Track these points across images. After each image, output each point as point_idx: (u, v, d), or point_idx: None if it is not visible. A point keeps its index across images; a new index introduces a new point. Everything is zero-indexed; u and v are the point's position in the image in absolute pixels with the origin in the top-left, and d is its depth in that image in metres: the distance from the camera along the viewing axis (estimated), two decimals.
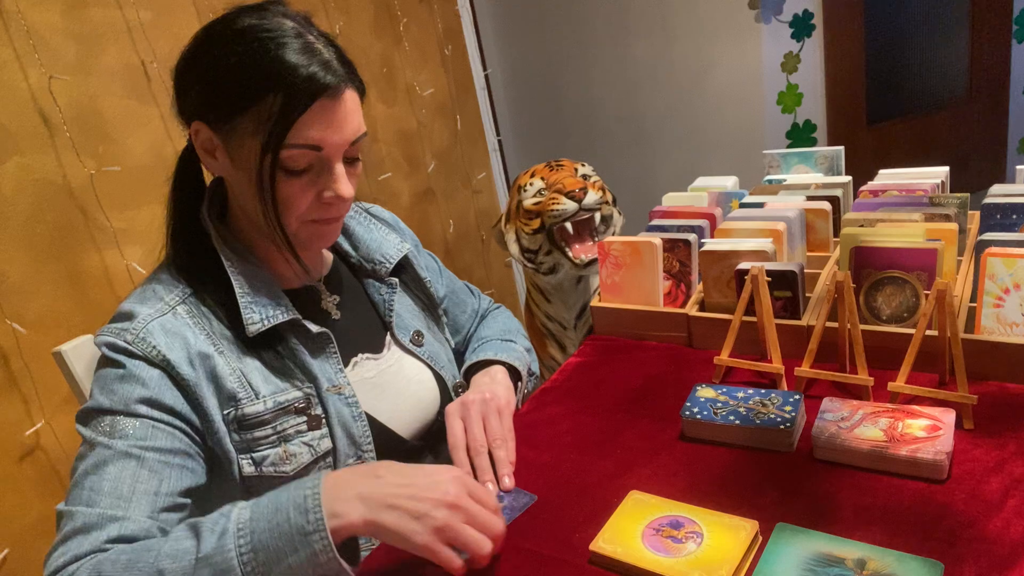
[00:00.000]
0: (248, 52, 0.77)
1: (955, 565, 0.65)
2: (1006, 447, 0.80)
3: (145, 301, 0.84)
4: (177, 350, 0.80)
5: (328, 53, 0.80)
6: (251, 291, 0.85)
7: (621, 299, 1.21)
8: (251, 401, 0.83)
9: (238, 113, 0.79)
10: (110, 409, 0.78)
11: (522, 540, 0.79)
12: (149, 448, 0.77)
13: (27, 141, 1.35)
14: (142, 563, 0.67)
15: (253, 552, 0.65)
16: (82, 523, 0.71)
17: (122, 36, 1.52)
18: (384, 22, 2.23)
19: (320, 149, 0.80)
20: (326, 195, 0.83)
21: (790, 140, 2.71)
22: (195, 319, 0.84)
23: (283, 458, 0.84)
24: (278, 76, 0.77)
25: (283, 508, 0.67)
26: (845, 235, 1.04)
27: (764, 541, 0.72)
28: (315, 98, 0.78)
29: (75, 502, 0.73)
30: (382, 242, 1.03)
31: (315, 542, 0.65)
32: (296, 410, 0.85)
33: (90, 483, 0.74)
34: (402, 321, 1.02)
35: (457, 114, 2.55)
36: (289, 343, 0.87)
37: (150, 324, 0.81)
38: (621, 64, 2.88)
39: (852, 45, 2.71)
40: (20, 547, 1.34)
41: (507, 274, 2.85)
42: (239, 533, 0.66)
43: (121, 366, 0.79)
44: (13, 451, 1.33)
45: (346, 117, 0.81)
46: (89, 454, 0.77)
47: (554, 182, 1.62)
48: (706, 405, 0.92)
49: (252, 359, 0.85)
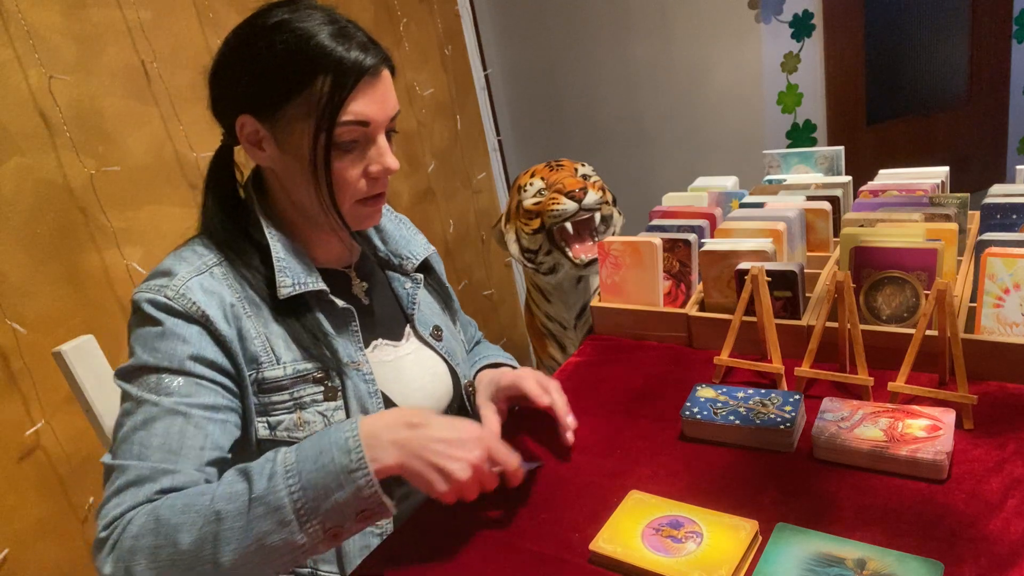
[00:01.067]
0: (290, 41, 0.82)
1: (955, 565, 0.65)
2: (1006, 447, 0.80)
3: (183, 260, 0.87)
4: (214, 307, 0.84)
5: (362, 36, 0.86)
6: (286, 256, 0.90)
7: (621, 299, 1.21)
8: (272, 366, 0.87)
9: (287, 100, 0.83)
10: (155, 366, 0.81)
11: (522, 540, 0.79)
12: (194, 405, 0.80)
13: (27, 141, 1.35)
14: (198, 505, 0.71)
15: (302, 490, 0.71)
16: (135, 476, 0.75)
17: (122, 36, 1.51)
18: (384, 22, 2.23)
19: (368, 125, 0.85)
20: (372, 169, 0.87)
21: (790, 140, 2.71)
22: (229, 281, 0.87)
23: (297, 424, 0.87)
24: (324, 60, 0.82)
25: (327, 450, 0.72)
26: (845, 235, 1.04)
27: (764, 541, 0.72)
28: (361, 76, 0.83)
29: (125, 456, 0.77)
30: (410, 240, 1.08)
31: (359, 478, 0.71)
32: (314, 379, 0.89)
33: (139, 438, 0.77)
34: (423, 316, 1.05)
35: (457, 114, 2.55)
36: (315, 314, 0.91)
37: (189, 281, 0.84)
38: (621, 64, 2.88)
39: (852, 45, 2.71)
40: (20, 547, 1.34)
41: (507, 274, 2.85)
42: (287, 474, 0.71)
43: (161, 324, 0.82)
44: (13, 451, 1.33)
45: (386, 93, 0.87)
46: (137, 410, 0.79)
47: (554, 182, 1.62)
48: (706, 405, 0.92)
49: (277, 326, 0.88)
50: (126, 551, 0.71)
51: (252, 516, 0.70)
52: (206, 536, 0.70)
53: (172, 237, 1.53)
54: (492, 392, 1.01)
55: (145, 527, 0.72)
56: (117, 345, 1.48)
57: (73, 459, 1.41)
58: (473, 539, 0.81)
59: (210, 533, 0.70)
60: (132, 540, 0.72)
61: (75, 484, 1.42)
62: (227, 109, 0.88)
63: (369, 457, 0.72)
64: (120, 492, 0.75)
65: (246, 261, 0.89)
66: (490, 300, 2.72)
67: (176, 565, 0.70)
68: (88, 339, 0.93)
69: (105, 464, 0.78)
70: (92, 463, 1.44)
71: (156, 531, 0.71)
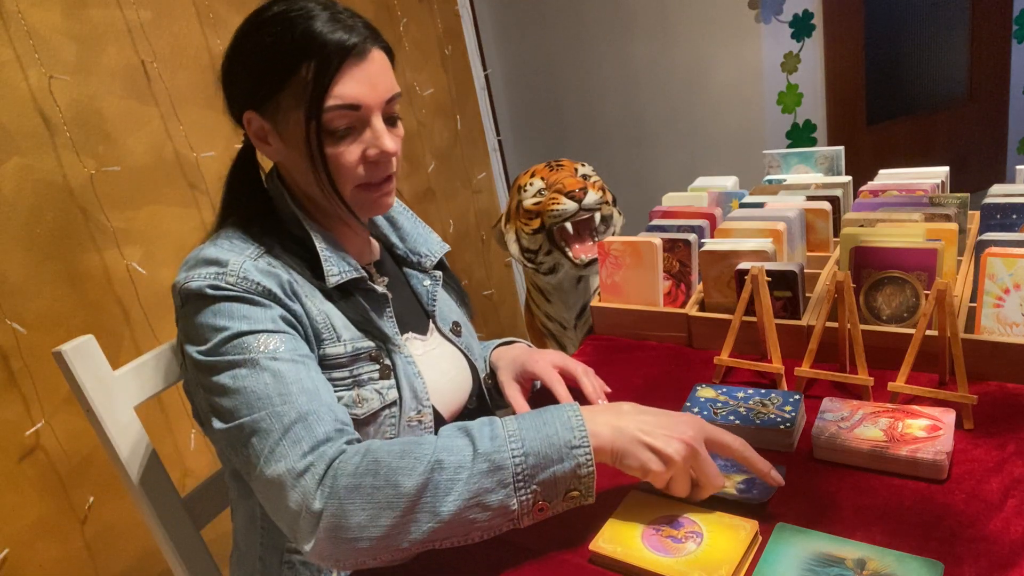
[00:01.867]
0: (280, 32, 0.83)
1: (955, 565, 0.65)
2: (1006, 447, 0.80)
3: (228, 251, 0.86)
4: (276, 287, 0.84)
5: (352, 21, 0.85)
6: (327, 246, 0.91)
7: (621, 299, 1.21)
8: (333, 343, 0.87)
9: (278, 91, 0.84)
10: (251, 331, 0.80)
11: (522, 540, 0.79)
12: (304, 355, 0.82)
13: (27, 141, 1.35)
14: (417, 453, 0.71)
15: (524, 456, 0.71)
16: (296, 415, 0.75)
17: (122, 36, 1.51)
18: (384, 22, 2.23)
19: (358, 108, 0.84)
20: (370, 153, 0.87)
21: (790, 140, 2.71)
22: (277, 269, 0.87)
23: (356, 401, 0.88)
24: (308, 46, 0.82)
25: (550, 422, 0.73)
26: (845, 235, 1.04)
27: (764, 541, 0.72)
28: (344, 58, 0.82)
29: (270, 406, 0.75)
30: (427, 237, 1.09)
31: (580, 455, 0.71)
32: (370, 357, 0.90)
33: (276, 390, 0.76)
34: (442, 312, 1.06)
35: (457, 114, 2.55)
36: (358, 300, 0.92)
37: (244, 265, 0.84)
38: (621, 64, 2.88)
39: (852, 45, 2.71)
40: (20, 547, 1.34)
41: (507, 274, 2.85)
42: (511, 438, 0.72)
43: (237, 298, 0.81)
44: (13, 451, 1.33)
45: (378, 75, 0.86)
46: (256, 371, 0.77)
47: (554, 182, 1.62)
48: (706, 405, 0.92)
49: (333, 307, 0.90)
50: (343, 488, 0.70)
51: (475, 470, 0.70)
52: (428, 482, 0.69)
53: (172, 237, 1.53)
54: (516, 372, 1.03)
55: (363, 467, 0.71)
56: (117, 345, 1.49)
57: (73, 459, 1.41)
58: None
59: (432, 480, 0.69)
60: (350, 478, 0.70)
61: (75, 484, 1.42)
62: (235, 107, 0.89)
63: (589, 431, 0.72)
64: (288, 430, 0.74)
65: (288, 250, 0.90)
66: (490, 300, 2.72)
67: (394, 507, 0.69)
68: (88, 339, 0.93)
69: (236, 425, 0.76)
70: (92, 463, 1.44)
71: (376, 472, 0.70)
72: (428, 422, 0.95)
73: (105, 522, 1.46)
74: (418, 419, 0.94)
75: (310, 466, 0.72)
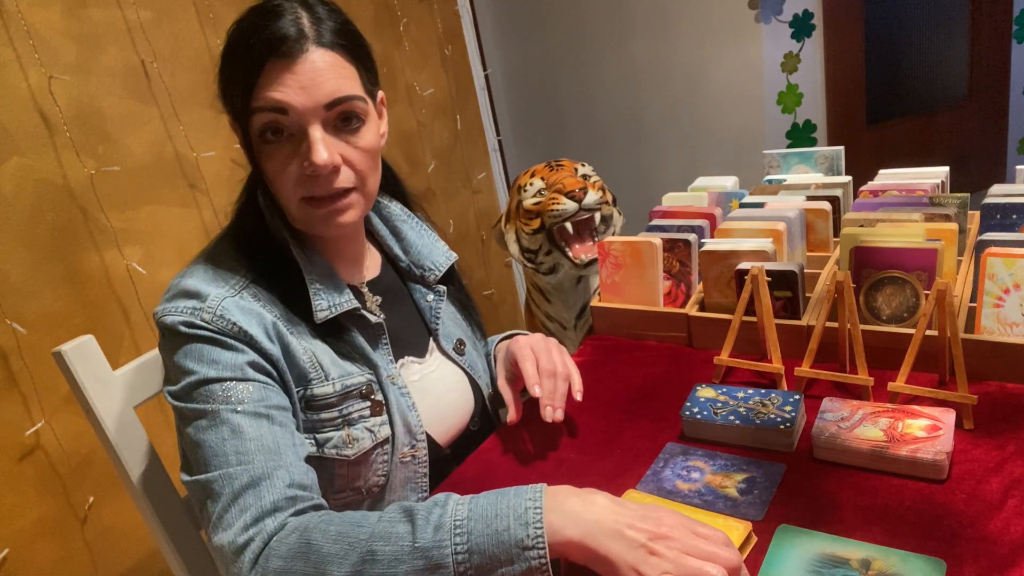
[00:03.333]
0: (230, 41, 0.81)
1: (955, 565, 0.65)
2: (1006, 447, 0.80)
3: (211, 281, 0.82)
4: (255, 326, 0.80)
5: (304, 18, 0.79)
6: (318, 278, 0.86)
7: (621, 299, 1.21)
8: (321, 382, 0.84)
9: (229, 97, 0.82)
10: (217, 378, 0.77)
11: None
12: (271, 407, 0.78)
13: (27, 141, 1.35)
14: (352, 537, 0.66)
15: (469, 553, 0.63)
16: (248, 479, 0.72)
17: (122, 36, 1.51)
18: (384, 22, 2.23)
19: (285, 112, 0.78)
20: (304, 165, 0.80)
21: (790, 140, 2.71)
22: (262, 303, 0.83)
23: (346, 441, 0.85)
24: (242, 48, 0.79)
25: (503, 515, 0.64)
26: (845, 235, 1.04)
27: (766, 543, 0.72)
28: (265, 59, 0.77)
29: (224, 466, 0.73)
30: (432, 248, 1.03)
31: (532, 557, 0.62)
32: (361, 395, 0.87)
33: (232, 447, 0.74)
34: (446, 329, 1.03)
35: (457, 114, 2.55)
36: (350, 331, 0.89)
37: (224, 302, 0.80)
38: (621, 64, 2.88)
39: (852, 45, 2.71)
40: (20, 547, 1.34)
41: (507, 274, 2.85)
42: (456, 530, 0.64)
43: (209, 338, 0.79)
44: (13, 451, 1.33)
45: (314, 77, 0.78)
46: (215, 423, 0.75)
47: (554, 182, 1.62)
48: (706, 405, 0.92)
49: (321, 342, 0.86)
50: (272, 571, 0.67)
51: (411, 567, 0.63)
52: (357, 574, 0.65)
53: (172, 237, 1.53)
54: (508, 366, 0.98)
55: (296, 550, 0.67)
56: (117, 345, 1.49)
57: (73, 459, 1.41)
58: None
59: (363, 573, 0.64)
60: (281, 561, 0.67)
61: (75, 484, 1.42)
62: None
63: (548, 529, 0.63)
64: (237, 498, 0.72)
65: (279, 275, 0.85)
66: (490, 300, 2.72)
67: None
68: (88, 339, 0.93)
69: (195, 481, 0.75)
70: (92, 463, 1.44)
71: (306, 556, 0.67)
72: (422, 457, 0.93)
73: (105, 522, 1.46)
74: (412, 454, 0.91)
75: (249, 542, 0.69)
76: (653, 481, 0.84)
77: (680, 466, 0.86)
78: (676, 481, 0.84)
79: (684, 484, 0.83)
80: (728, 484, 0.81)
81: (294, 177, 0.81)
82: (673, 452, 0.89)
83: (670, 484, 0.83)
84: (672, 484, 0.83)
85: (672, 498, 0.81)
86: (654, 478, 0.85)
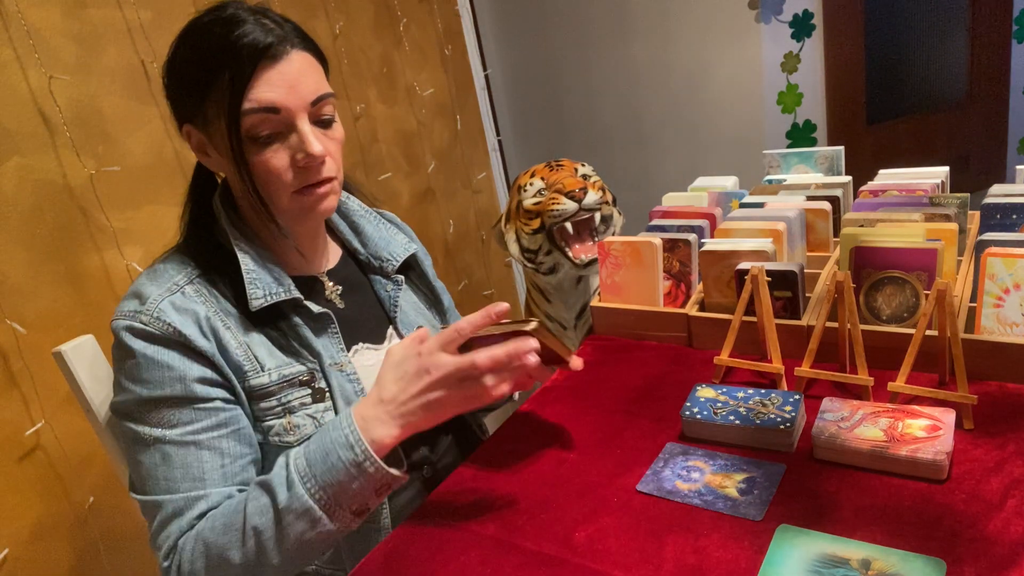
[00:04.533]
0: (201, 42, 0.83)
1: (955, 565, 0.65)
2: (1006, 447, 0.80)
3: (155, 280, 0.87)
4: (190, 325, 0.84)
5: (272, 24, 0.84)
6: (256, 268, 0.89)
7: (621, 299, 1.21)
8: (256, 373, 0.87)
9: (203, 101, 0.83)
10: (149, 398, 0.83)
11: (522, 540, 0.79)
12: (201, 430, 0.83)
13: (27, 141, 1.35)
14: (235, 524, 0.78)
15: (321, 490, 0.77)
16: (172, 509, 0.82)
17: (122, 36, 1.51)
18: (384, 22, 2.23)
19: (277, 111, 0.83)
20: (299, 157, 0.85)
21: (790, 140, 2.71)
22: (203, 297, 0.87)
23: (287, 428, 0.88)
24: (224, 53, 0.81)
25: (331, 450, 0.78)
26: (845, 235, 1.04)
27: (765, 543, 0.72)
28: (257, 61, 0.81)
29: (156, 491, 0.82)
30: (390, 240, 1.07)
31: (368, 467, 0.77)
32: (300, 383, 0.90)
33: (162, 474, 0.82)
34: (406, 317, 1.05)
35: (457, 114, 2.55)
36: (292, 321, 0.91)
37: (161, 303, 0.84)
38: (621, 64, 2.88)
39: (852, 45, 2.71)
40: (20, 547, 1.34)
41: (507, 274, 2.85)
42: (303, 480, 0.77)
43: (143, 354, 0.83)
44: (13, 451, 1.33)
45: (298, 77, 0.83)
46: (149, 448, 0.83)
47: (554, 182, 1.62)
48: (706, 405, 0.92)
49: (257, 334, 0.89)
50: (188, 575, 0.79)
51: (285, 523, 0.77)
52: (251, 549, 0.78)
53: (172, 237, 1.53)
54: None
55: (196, 552, 0.79)
56: None
57: (73, 459, 1.41)
58: (473, 539, 0.81)
59: (254, 546, 0.78)
60: (190, 565, 0.79)
61: (75, 484, 1.42)
62: (177, 120, 0.90)
63: (369, 441, 0.77)
64: (165, 526, 0.81)
65: (220, 273, 0.89)
66: (490, 300, 2.72)
67: None
68: (88, 339, 0.93)
69: (136, 498, 0.84)
70: (92, 463, 1.44)
71: (207, 554, 0.79)
72: None
73: (105, 522, 1.46)
74: None
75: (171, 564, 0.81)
76: (653, 481, 0.84)
77: (680, 466, 0.86)
78: (676, 481, 0.84)
79: (684, 484, 0.83)
80: (728, 484, 0.81)
81: (286, 171, 0.86)
82: (673, 452, 0.89)
83: (670, 484, 0.83)
84: (672, 484, 0.83)
85: (672, 498, 0.81)
86: (654, 478, 0.85)
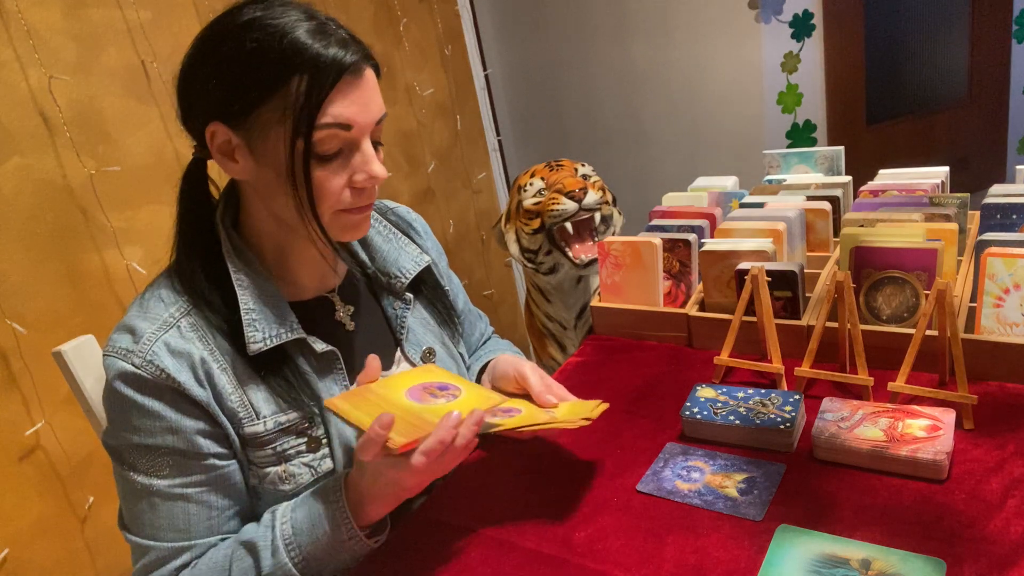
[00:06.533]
0: (263, 39, 0.75)
1: (955, 565, 0.65)
2: (1006, 447, 0.80)
3: (148, 314, 0.81)
4: (185, 371, 0.79)
5: (343, 32, 0.80)
6: (256, 307, 0.83)
7: (621, 299, 1.21)
8: (251, 422, 0.82)
9: (260, 103, 0.76)
10: (139, 445, 0.79)
11: (522, 539, 0.79)
12: (189, 484, 0.80)
13: (27, 141, 1.35)
14: None
15: (305, 561, 0.77)
16: (156, 556, 0.80)
17: (122, 36, 1.51)
18: (384, 22, 2.23)
19: (350, 128, 0.78)
20: (358, 178, 0.80)
21: (790, 140, 2.71)
22: (199, 333, 0.81)
23: (282, 477, 0.84)
24: (299, 58, 0.75)
25: (319, 523, 0.78)
26: (845, 235, 1.04)
27: (765, 543, 0.72)
28: (341, 75, 0.76)
29: (141, 535, 0.81)
30: (399, 254, 0.99)
31: (354, 546, 0.78)
32: (297, 431, 0.84)
33: (148, 520, 0.80)
34: (415, 337, 0.99)
35: (457, 114, 2.55)
36: (295, 361, 0.85)
37: (155, 345, 0.78)
38: (621, 64, 2.88)
39: (852, 45, 2.71)
40: (20, 547, 1.34)
41: (507, 274, 2.85)
42: (288, 548, 0.77)
43: (134, 401, 0.78)
44: (13, 451, 1.33)
45: (370, 95, 0.80)
46: (137, 491, 0.80)
47: (554, 182, 1.62)
48: (706, 405, 0.92)
49: (255, 377, 0.83)
50: None
51: None
52: None
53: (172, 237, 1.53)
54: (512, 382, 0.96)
55: None
56: None
57: (73, 459, 1.41)
58: (473, 539, 0.81)
59: None
60: None
61: (75, 484, 1.42)
62: (196, 118, 0.81)
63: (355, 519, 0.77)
64: (148, 571, 0.80)
65: (215, 309, 0.83)
66: (490, 300, 2.72)
67: None
68: (88, 339, 0.93)
69: (130, 542, 0.82)
70: (92, 463, 1.44)
71: None
72: None
73: (105, 522, 1.46)
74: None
75: None
76: (653, 481, 0.84)
77: (680, 466, 0.86)
78: (676, 481, 0.84)
79: (684, 484, 0.83)
80: (728, 484, 0.81)
81: (342, 190, 0.81)
82: (673, 452, 0.89)
83: (670, 484, 0.83)
84: (672, 484, 0.83)
85: (672, 498, 0.81)
86: (654, 478, 0.85)
